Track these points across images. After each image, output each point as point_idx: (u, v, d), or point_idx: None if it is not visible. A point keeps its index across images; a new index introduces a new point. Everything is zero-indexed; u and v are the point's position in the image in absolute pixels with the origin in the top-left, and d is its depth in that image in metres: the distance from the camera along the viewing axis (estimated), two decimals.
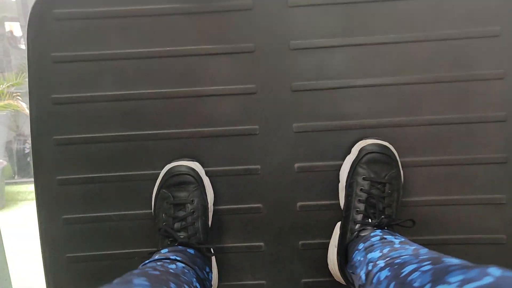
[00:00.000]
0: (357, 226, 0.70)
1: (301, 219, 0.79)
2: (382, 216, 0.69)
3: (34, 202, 0.80)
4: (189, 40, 0.76)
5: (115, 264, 0.80)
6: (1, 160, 2.98)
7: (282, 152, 0.78)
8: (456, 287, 0.37)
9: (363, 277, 0.59)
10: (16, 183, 3.33)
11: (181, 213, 0.71)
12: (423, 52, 0.76)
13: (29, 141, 0.82)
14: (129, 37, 0.76)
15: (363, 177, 0.71)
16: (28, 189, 3.19)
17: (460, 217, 0.78)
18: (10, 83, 3.05)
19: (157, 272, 0.57)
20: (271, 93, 0.77)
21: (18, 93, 3.04)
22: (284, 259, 0.80)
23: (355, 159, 0.73)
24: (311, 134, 0.78)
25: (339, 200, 0.77)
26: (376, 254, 0.60)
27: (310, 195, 0.79)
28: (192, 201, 0.72)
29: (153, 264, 0.62)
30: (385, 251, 0.60)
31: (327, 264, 0.79)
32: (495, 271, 0.36)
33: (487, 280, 0.35)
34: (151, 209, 0.77)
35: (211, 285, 0.72)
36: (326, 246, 0.78)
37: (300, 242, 0.80)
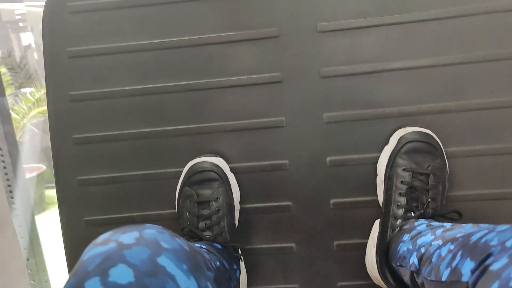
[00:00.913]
0: (399, 221, 0.66)
1: (335, 217, 0.75)
2: (427, 206, 0.64)
3: None
4: (208, 27, 0.73)
5: None
6: (40, 165, 3.05)
7: (312, 145, 0.74)
8: None
9: (416, 262, 0.54)
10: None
11: (206, 212, 0.69)
12: (469, 28, 0.70)
13: None
14: (146, 28, 0.74)
15: (404, 168, 0.67)
16: None
17: None
18: None
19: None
20: (299, 81, 0.74)
21: None
22: (318, 261, 0.76)
23: (394, 149, 0.69)
24: (343, 124, 0.74)
25: (377, 195, 0.73)
26: (427, 238, 0.55)
27: (345, 191, 0.75)
28: (217, 198, 0.69)
29: None
30: (438, 233, 0.54)
31: (365, 266, 0.74)
32: None
33: None
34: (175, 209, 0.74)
35: (239, 284, 0.68)
36: (363, 247, 0.74)
37: (335, 243, 0.76)
